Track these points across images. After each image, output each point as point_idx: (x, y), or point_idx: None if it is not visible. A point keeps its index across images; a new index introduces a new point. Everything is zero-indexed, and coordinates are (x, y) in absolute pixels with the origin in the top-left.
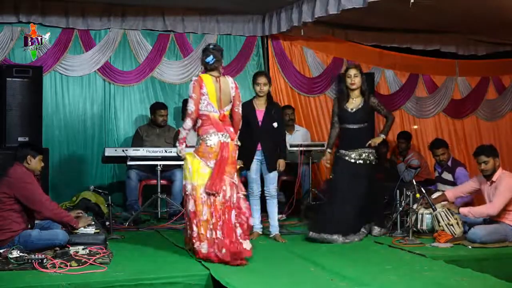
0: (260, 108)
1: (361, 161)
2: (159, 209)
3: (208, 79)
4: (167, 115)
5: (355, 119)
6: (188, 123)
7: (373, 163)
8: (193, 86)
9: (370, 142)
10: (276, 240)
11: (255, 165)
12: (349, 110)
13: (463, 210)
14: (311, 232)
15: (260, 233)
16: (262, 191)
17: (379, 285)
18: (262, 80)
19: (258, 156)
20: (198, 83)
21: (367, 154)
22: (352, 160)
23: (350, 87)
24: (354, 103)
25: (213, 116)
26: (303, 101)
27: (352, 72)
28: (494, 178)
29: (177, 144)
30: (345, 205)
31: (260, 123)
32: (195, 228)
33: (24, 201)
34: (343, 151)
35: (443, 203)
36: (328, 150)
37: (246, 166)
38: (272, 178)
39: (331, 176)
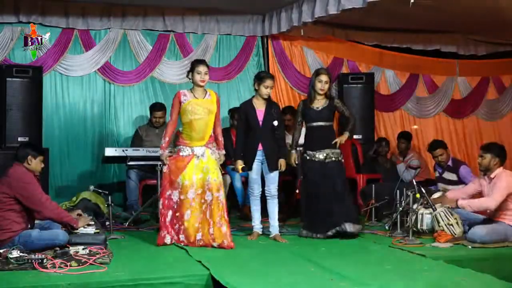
0: (260, 108)
1: (328, 160)
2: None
3: None
4: (163, 117)
5: (320, 117)
6: None
7: (341, 161)
8: None
9: (336, 140)
10: (276, 240)
11: (255, 166)
12: (315, 108)
13: (462, 202)
14: (304, 231)
15: (260, 233)
16: (263, 191)
17: (379, 285)
18: (271, 83)
19: (258, 156)
20: None
21: (334, 154)
22: (317, 159)
23: (318, 92)
24: (319, 102)
25: None
26: None
27: (324, 78)
28: (492, 175)
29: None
30: (325, 203)
31: (260, 123)
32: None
33: (24, 201)
34: (310, 152)
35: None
36: (293, 151)
37: (248, 166)
38: (273, 178)
39: (301, 178)
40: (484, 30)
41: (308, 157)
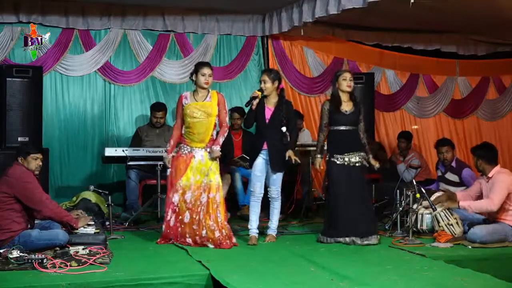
0: (270, 106)
1: (357, 164)
2: (159, 209)
3: None
4: (163, 117)
5: (349, 120)
6: None
7: (366, 166)
8: None
9: (371, 162)
10: (268, 239)
11: (260, 163)
12: (344, 111)
13: (463, 203)
14: (327, 238)
15: (257, 236)
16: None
17: (379, 285)
18: (263, 77)
19: (264, 156)
20: None
21: (361, 157)
22: (346, 163)
23: (346, 90)
24: (348, 106)
25: None
26: (303, 101)
27: (348, 75)
28: (490, 175)
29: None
30: (352, 207)
31: (267, 121)
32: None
33: (24, 200)
34: (338, 156)
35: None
36: (319, 155)
37: (250, 165)
38: (275, 180)
39: (326, 183)
40: (484, 30)
41: (335, 160)
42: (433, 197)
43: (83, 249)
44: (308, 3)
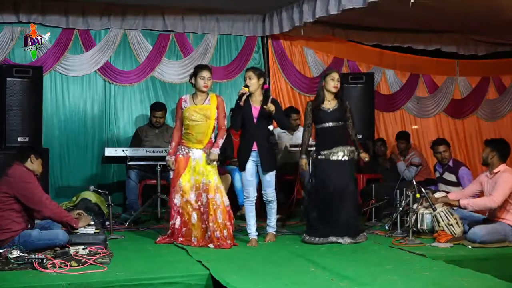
0: (256, 104)
1: (345, 158)
2: (159, 209)
3: None
4: (162, 117)
5: (332, 117)
6: None
7: (355, 159)
8: None
9: (361, 155)
10: (268, 239)
11: (250, 166)
12: (326, 109)
13: (463, 201)
14: (315, 238)
15: (257, 239)
16: (259, 195)
17: (379, 285)
18: (248, 74)
19: (253, 157)
20: None
21: (349, 151)
22: (335, 158)
23: (331, 90)
24: (330, 104)
25: None
26: (303, 100)
27: (336, 76)
28: (495, 170)
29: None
30: (338, 206)
31: (255, 120)
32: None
33: (24, 201)
34: (324, 152)
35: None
36: (303, 155)
37: (241, 167)
38: (269, 181)
39: (312, 180)
40: (484, 30)
41: (321, 158)
42: (435, 196)
43: (83, 249)
44: (308, 3)
